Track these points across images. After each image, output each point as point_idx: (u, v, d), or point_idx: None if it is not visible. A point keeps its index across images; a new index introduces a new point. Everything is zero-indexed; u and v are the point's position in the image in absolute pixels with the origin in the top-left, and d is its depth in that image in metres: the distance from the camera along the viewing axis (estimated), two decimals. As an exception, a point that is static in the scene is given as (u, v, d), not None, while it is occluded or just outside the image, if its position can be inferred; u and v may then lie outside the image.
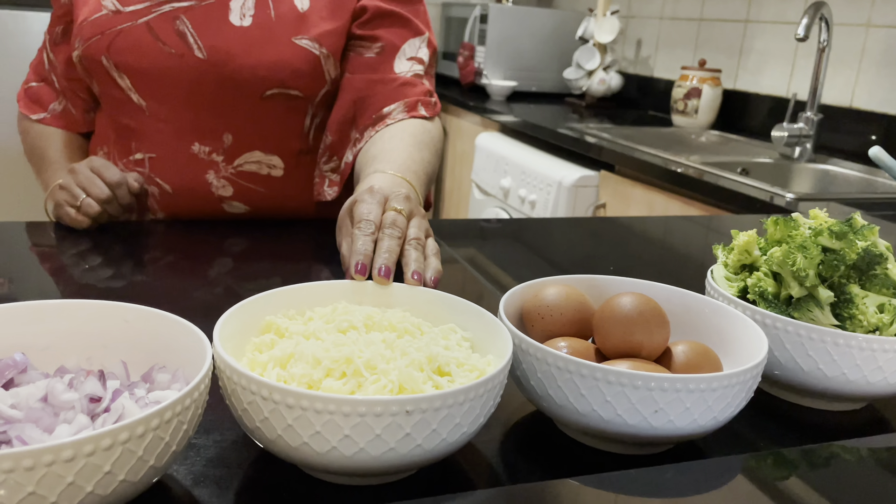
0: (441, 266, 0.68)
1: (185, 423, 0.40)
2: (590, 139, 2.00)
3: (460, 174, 2.67)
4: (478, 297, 0.82)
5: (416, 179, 0.84)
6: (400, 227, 0.65)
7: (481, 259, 0.93)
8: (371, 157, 0.87)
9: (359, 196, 0.69)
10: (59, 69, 1.00)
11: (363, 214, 0.65)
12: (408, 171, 0.83)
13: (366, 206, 0.66)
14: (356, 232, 0.63)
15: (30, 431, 0.39)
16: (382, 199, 0.68)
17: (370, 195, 0.68)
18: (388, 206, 0.67)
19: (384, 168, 0.82)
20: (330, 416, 0.40)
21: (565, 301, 0.56)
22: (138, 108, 0.91)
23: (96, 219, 0.87)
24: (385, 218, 0.65)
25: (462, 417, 0.43)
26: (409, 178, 0.82)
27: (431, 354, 0.47)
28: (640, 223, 1.27)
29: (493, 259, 0.93)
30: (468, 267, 0.89)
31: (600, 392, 0.47)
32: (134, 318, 0.50)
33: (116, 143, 0.95)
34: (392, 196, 0.68)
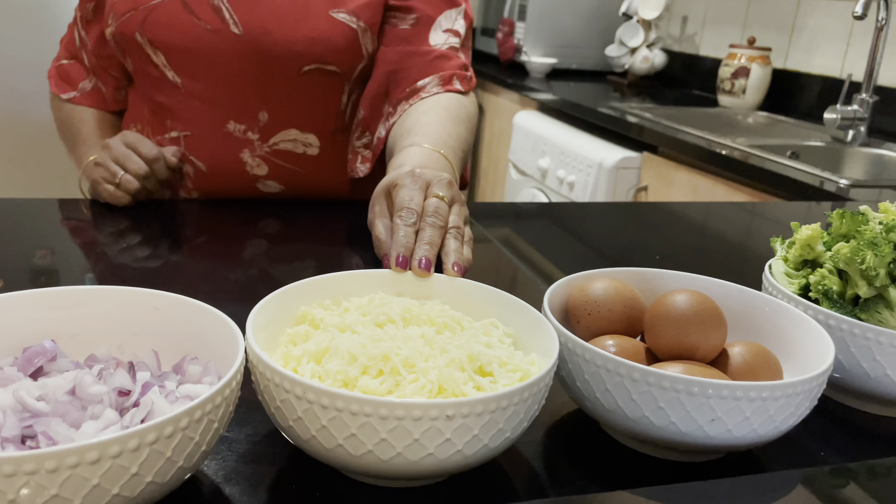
0: (471, 256, 0.65)
1: (215, 422, 0.38)
2: (631, 119, 1.94)
3: (497, 153, 2.63)
4: (515, 284, 0.79)
5: (452, 155, 0.81)
6: (443, 215, 0.62)
7: (521, 244, 0.90)
8: (406, 131, 0.85)
9: (399, 179, 0.66)
10: (89, 46, 0.99)
11: (405, 201, 0.62)
12: (444, 145, 0.80)
13: (407, 192, 0.63)
14: (397, 221, 0.60)
15: (56, 426, 0.37)
16: (424, 184, 0.65)
17: (412, 180, 0.65)
18: (431, 193, 0.64)
19: (420, 142, 0.79)
20: (366, 418, 0.38)
21: (614, 296, 0.53)
22: (173, 85, 0.90)
23: (135, 195, 0.86)
24: (427, 205, 0.63)
25: (505, 423, 0.40)
26: (445, 153, 0.79)
27: (472, 353, 0.45)
28: (683, 209, 1.22)
29: (532, 245, 0.90)
30: (506, 252, 0.86)
31: (653, 398, 0.44)
32: (165, 305, 0.48)
33: (151, 121, 0.94)
34: (434, 181, 0.66)
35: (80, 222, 0.88)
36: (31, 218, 0.87)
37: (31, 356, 0.45)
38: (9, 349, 0.46)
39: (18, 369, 0.44)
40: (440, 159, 0.78)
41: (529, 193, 2.26)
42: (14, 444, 0.36)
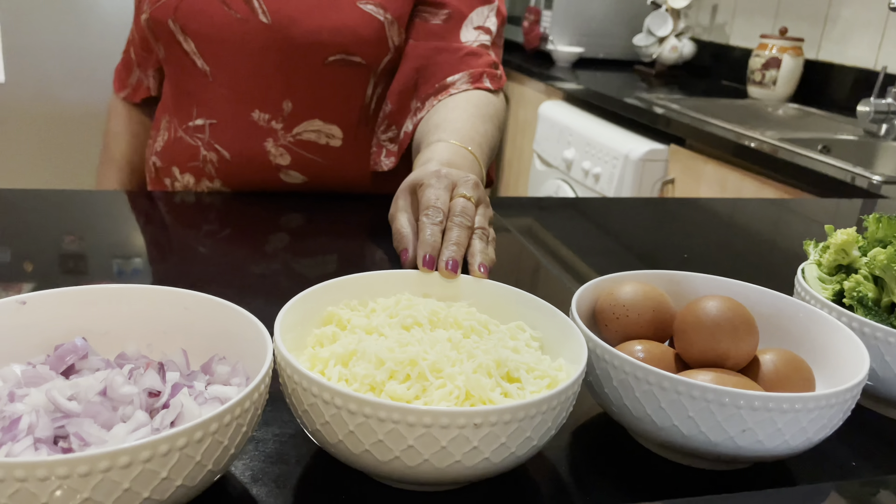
0: (494, 256, 0.65)
1: (244, 426, 0.39)
2: (658, 110, 1.92)
3: (521, 144, 2.61)
4: (540, 281, 0.79)
5: (479, 152, 0.80)
6: (469, 215, 0.62)
7: (545, 240, 0.89)
8: (433, 126, 0.84)
9: (426, 178, 0.66)
10: (137, 40, 1.01)
11: (431, 200, 0.62)
12: (471, 142, 0.80)
13: (434, 192, 0.63)
14: (424, 219, 0.60)
15: (88, 427, 0.38)
16: (450, 184, 0.65)
17: (437, 179, 0.65)
18: (457, 193, 0.64)
19: (447, 137, 0.79)
20: (394, 425, 0.38)
21: (643, 300, 0.53)
22: (202, 73, 0.90)
23: None
24: (454, 205, 0.62)
25: (533, 431, 0.40)
26: (472, 150, 0.79)
27: (500, 358, 0.44)
28: (711, 204, 1.21)
29: (557, 241, 0.90)
30: (531, 247, 0.85)
31: (683, 407, 0.43)
32: (193, 305, 0.48)
33: (177, 109, 0.95)
34: (461, 182, 0.65)
35: (106, 212, 0.88)
36: (59, 207, 0.88)
37: (62, 354, 0.45)
38: (41, 347, 0.47)
39: (50, 367, 0.44)
40: (467, 155, 0.77)
41: (554, 185, 2.25)
42: (47, 445, 0.37)
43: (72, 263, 0.75)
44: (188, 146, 0.94)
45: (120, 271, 0.73)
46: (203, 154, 0.93)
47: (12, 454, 0.36)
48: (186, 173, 0.95)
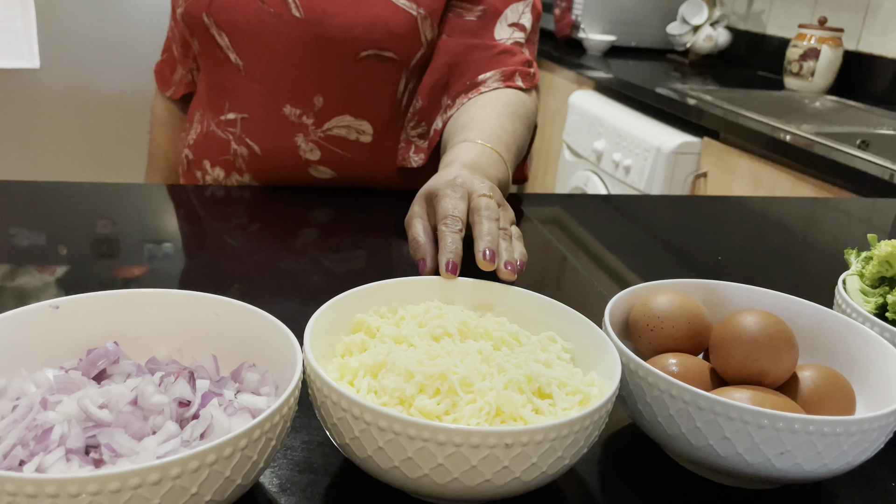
0: (525, 251, 0.64)
1: (273, 439, 0.38)
2: (691, 101, 1.88)
3: (551, 134, 2.59)
4: (568, 283, 0.78)
5: (506, 151, 0.79)
6: (494, 210, 0.61)
7: (575, 239, 0.88)
8: (461, 126, 0.83)
9: (440, 189, 0.65)
10: (177, 37, 1.02)
11: (448, 210, 0.61)
12: (498, 141, 0.79)
13: (450, 202, 0.62)
14: (443, 229, 0.59)
15: (119, 438, 0.38)
16: (465, 193, 0.64)
17: (452, 189, 0.64)
18: (475, 196, 0.63)
19: (474, 138, 0.78)
20: (423, 443, 0.37)
21: (678, 311, 0.52)
22: (235, 67, 0.90)
23: None
24: (477, 204, 0.62)
25: (565, 451, 0.39)
26: (499, 150, 0.78)
27: (531, 373, 0.44)
28: (746, 203, 1.18)
29: (587, 240, 0.88)
30: (560, 247, 0.84)
31: (719, 427, 0.42)
32: (224, 311, 0.48)
33: (210, 102, 0.95)
34: (476, 188, 0.65)
35: (140, 204, 0.89)
36: (92, 197, 0.89)
37: (94, 359, 0.46)
38: (74, 351, 0.47)
39: (83, 373, 0.45)
40: (492, 155, 0.76)
41: (583, 176, 2.22)
42: (78, 456, 0.37)
43: (104, 247, 0.76)
44: (220, 140, 0.94)
45: (151, 256, 0.74)
46: (234, 148, 0.93)
47: (44, 466, 0.36)
48: (217, 167, 0.95)
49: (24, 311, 0.45)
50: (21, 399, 0.42)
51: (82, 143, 2.29)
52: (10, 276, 0.68)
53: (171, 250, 0.77)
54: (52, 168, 2.29)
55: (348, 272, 0.75)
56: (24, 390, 0.43)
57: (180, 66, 1.04)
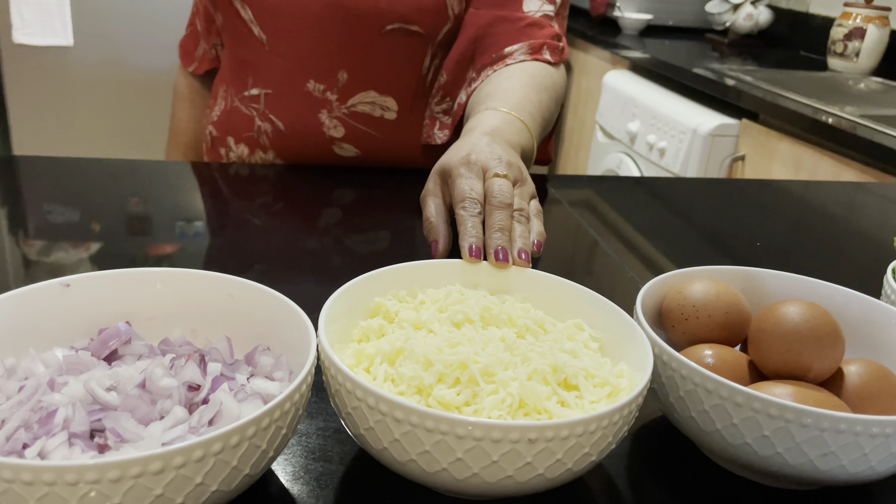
0: (544, 230, 0.61)
1: (283, 428, 0.37)
2: (730, 82, 1.82)
3: (583, 114, 2.54)
4: (599, 268, 0.75)
5: (531, 120, 0.76)
6: (507, 193, 0.59)
7: (606, 223, 0.85)
8: (484, 96, 0.81)
9: (453, 168, 0.62)
10: (200, 11, 1.00)
11: (465, 192, 0.59)
12: (522, 110, 0.76)
13: (465, 182, 0.60)
14: (461, 213, 0.57)
15: (125, 422, 0.36)
16: (480, 170, 0.61)
17: (467, 168, 0.61)
18: (489, 176, 0.60)
19: (497, 105, 0.76)
20: (442, 436, 0.35)
21: (715, 300, 0.49)
22: (259, 42, 0.88)
23: None
24: (490, 187, 0.59)
25: (591, 447, 0.37)
26: (523, 118, 0.75)
27: (557, 364, 0.41)
28: (787, 187, 1.14)
29: (619, 224, 0.85)
30: (590, 231, 0.81)
31: (757, 425, 0.39)
32: (239, 293, 0.47)
33: (233, 78, 0.93)
34: (491, 164, 0.62)
35: (169, 181, 0.88)
36: (123, 175, 0.88)
37: (106, 339, 0.44)
38: (85, 330, 0.46)
39: (93, 353, 0.43)
40: (515, 122, 0.73)
41: (616, 158, 2.18)
42: (82, 440, 0.36)
43: (136, 225, 0.75)
44: (243, 116, 0.92)
45: (182, 234, 0.73)
46: (258, 125, 0.91)
47: (45, 450, 0.34)
48: (241, 143, 0.93)
49: (34, 288, 0.44)
50: (28, 380, 0.40)
51: (115, 120, 2.30)
52: (45, 252, 0.68)
53: (200, 229, 0.76)
54: (86, 145, 2.30)
55: (372, 252, 0.73)
56: (33, 370, 0.42)
57: (203, 40, 1.02)
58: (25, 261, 0.67)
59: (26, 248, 0.69)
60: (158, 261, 0.68)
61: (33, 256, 0.67)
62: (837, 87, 1.98)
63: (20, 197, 0.81)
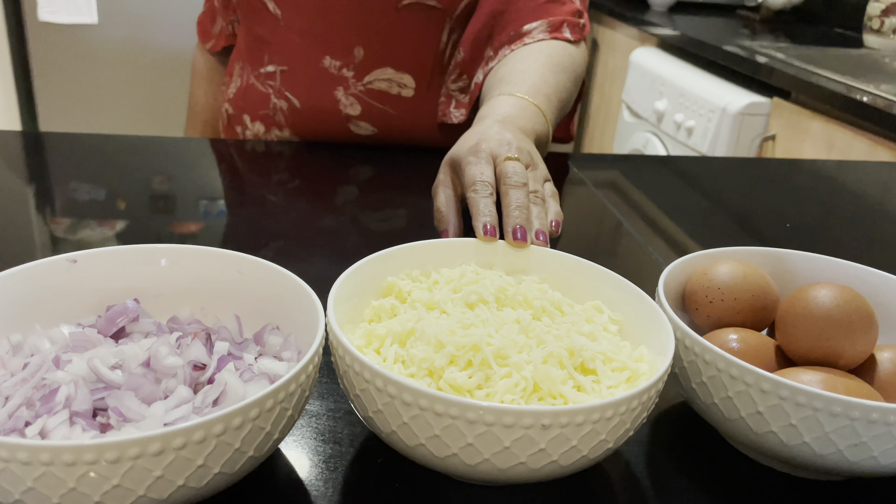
0: (560, 210, 0.59)
1: (289, 410, 0.36)
2: (761, 59, 1.77)
3: (610, 93, 2.49)
4: (623, 249, 0.73)
5: (546, 104, 0.74)
6: (521, 173, 0.57)
7: (631, 202, 0.83)
8: (499, 80, 0.78)
9: (462, 157, 0.61)
10: None
11: (476, 177, 0.57)
12: (538, 93, 0.74)
13: (475, 169, 0.58)
14: (473, 196, 0.56)
15: (128, 401, 0.36)
16: (489, 157, 0.60)
17: (475, 155, 0.60)
18: (500, 160, 0.59)
19: (511, 90, 0.73)
20: (452, 420, 0.34)
21: (742, 283, 0.47)
22: (273, 17, 0.87)
23: None
24: (503, 170, 0.58)
25: (608, 434, 0.35)
26: (538, 102, 0.73)
27: (574, 347, 0.40)
28: (818, 167, 1.10)
29: (644, 204, 0.83)
30: (612, 208, 0.79)
31: (784, 413, 0.37)
32: (248, 270, 0.46)
33: (249, 55, 0.92)
34: (501, 150, 0.60)
35: (190, 159, 0.87)
36: (147, 152, 0.87)
37: (113, 316, 0.44)
38: (93, 307, 0.45)
39: (100, 330, 0.43)
40: (529, 107, 0.71)
41: (642, 138, 2.13)
42: (85, 419, 0.35)
43: (162, 203, 0.75)
44: (259, 94, 0.91)
45: (206, 212, 0.73)
46: (273, 102, 0.90)
47: (46, 429, 0.34)
48: (257, 121, 0.92)
49: (40, 263, 0.43)
50: (34, 356, 0.40)
51: (140, 97, 2.31)
52: (71, 230, 0.67)
53: (221, 207, 0.75)
54: (110, 122, 2.31)
55: (388, 231, 0.72)
56: (39, 347, 0.41)
57: (220, 17, 1.01)
58: (53, 238, 0.67)
59: (53, 225, 0.69)
60: (183, 239, 0.67)
61: (60, 234, 0.67)
62: (873, 65, 1.92)
63: (47, 174, 0.81)
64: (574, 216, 0.82)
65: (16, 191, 0.76)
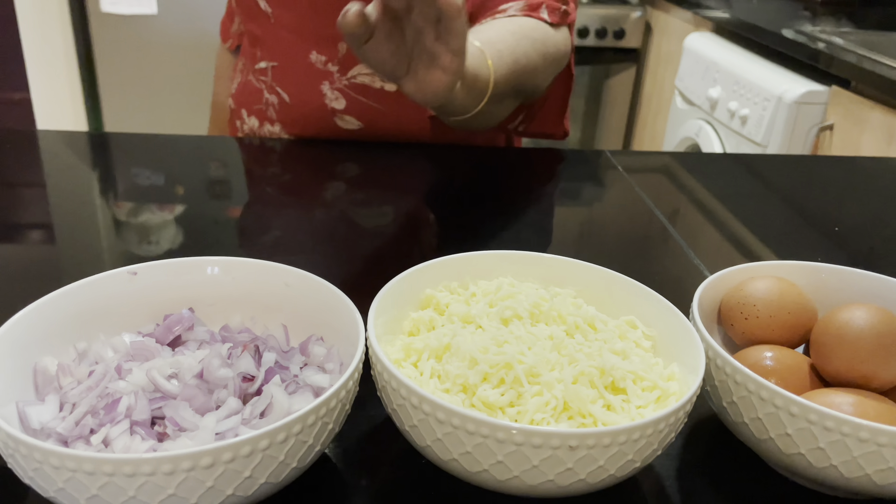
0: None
1: (330, 423, 0.38)
2: (820, 45, 1.72)
3: (662, 79, 2.45)
4: (662, 250, 0.73)
5: (496, 57, 0.71)
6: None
7: (675, 200, 0.82)
8: None
9: None
10: None
11: None
12: (489, 45, 0.71)
13: None
14: None
15: (183, 412, 0.38)
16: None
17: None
18: None
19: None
20: (483, 439, 0.35)
21: (777, 300, 0.47)
22: (265, 14, 0.89)
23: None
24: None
25: (636, 454, 0.36)
26: (486, 50, 0.70)
27: (605, 366, 0.41)
28: (873, 165, 1.07)
29: (687, 201, 0.83)
30: (656, 212, 0.79)
31: (813, 437, 0.38)
32: (295, 282, 0.48)
33: (246, 52, 0.96)
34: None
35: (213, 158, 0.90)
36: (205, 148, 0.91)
37: (170, 325, 0.46)
38: (151, 316, 0.48)
39: (158, 339, 0.46)
40: (474, 48, 0.68)
41: (695, 125, 2.10)
42: (143, 428, 0.38)
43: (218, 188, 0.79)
44: (254, 89, 0.94)
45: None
46: (266, 97, 0.93)
47: (109, 437, 0.37)
48: (252, 116, 0.96)
49: (104, 276, 0.46)
50: (98, 365, 0.43)
51: (198, 87, 2.37)
52: (133, 214, 0.73)
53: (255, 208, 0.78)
54: (169, 111, 2.38)
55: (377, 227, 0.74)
56: (102, 355, 0.44)
57: (236, 16, 1.03)
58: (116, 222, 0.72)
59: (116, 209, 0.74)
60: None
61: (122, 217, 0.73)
62: (941, 50, 1.84)
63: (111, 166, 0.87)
64: (617, 217, 0.82)
65: (84, 183, 0.80)
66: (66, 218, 0.74)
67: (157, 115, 2.38)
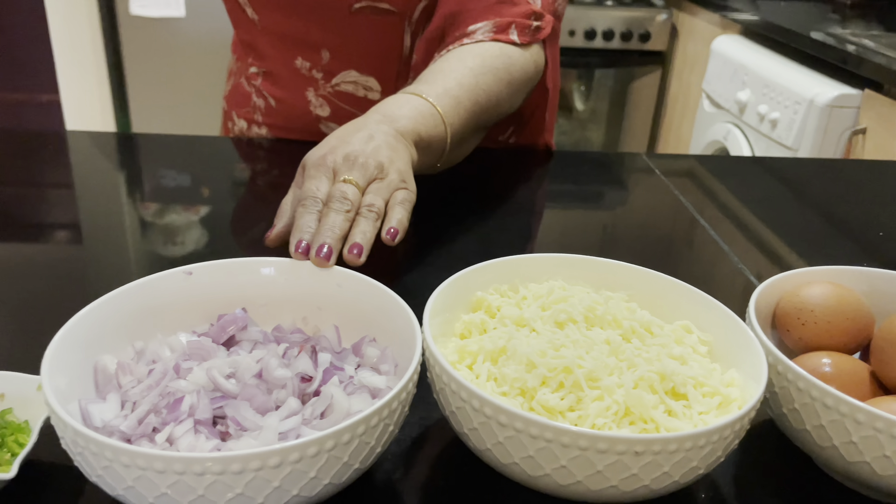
0: (405, 218, 0.58)
1: (391, 425, 0.38)
2: (851, 48, 1.70)
3: (689, 82, 2.44)
4: (706, 259, 0.72)
5: (453, 107, 0.70)
6: (350, 199, 0.56)
7: (716, 206, 0.82)
8: (420, 77, 0.75)
9: (308, 166, 0.60)
10: None
11: (311, 191, 0.57)
12: (446, 95, 0.70)
13: (313, 183, 0.57)
14: (300, 210, 0.55)
15: (244, 411, 0.38)
16: (330, 171, 0.58)
17: (317, 169, 0.59)
18: (337, 179, 0.58)
19: (419, 89, 0.70)
20: (546, 443, 0.35)
21: (835, 305, 0.46)
22: (251, 21, 0.89)
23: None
24: (332, 192, 0.56)
25: (700, 461, 0.36)
26: (441, 105, 0.69)
27: (665, 371, 0.40)
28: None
29: (730, 208, 0.82)
30: (699, 218, 0.78)
31: (879, 445, 0.37)
32: (346, 283, 0.48)
33: (239, 57, 0.96)
34: (342, 169, 0.58)
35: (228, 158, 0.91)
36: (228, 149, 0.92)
37: (224, 325, 0.47)
38: (205, 315, 0.48)
39: (213, 338, 0.46)
40: (428, 111, 0.68)
41: (723, 129, 2.08)
42: (206, 427, 0.38)
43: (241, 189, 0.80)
44: (244, 92, 0.95)
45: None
46: (254, 101, 0.94)
47: (174, 436, 0.37)
48: (241, 119, 0.97)
49: (160, 276, 0.46)
50: (157, 364, 0.43)
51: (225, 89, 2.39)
52: (159, 214, 0.74)
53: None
54: (196, 112, 2.40)
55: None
56: (160, 354, 0.44)
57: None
58: (142, 222, 0.73)
59: (142, 210, 0.75)
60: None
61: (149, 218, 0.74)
62: (976, 53, 1.81)
63: (137, 166, 0.87)
64: (654, 218, 0.82)
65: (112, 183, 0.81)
66: (94, 218, 0.74)
67: (184, 117, 2.40)
